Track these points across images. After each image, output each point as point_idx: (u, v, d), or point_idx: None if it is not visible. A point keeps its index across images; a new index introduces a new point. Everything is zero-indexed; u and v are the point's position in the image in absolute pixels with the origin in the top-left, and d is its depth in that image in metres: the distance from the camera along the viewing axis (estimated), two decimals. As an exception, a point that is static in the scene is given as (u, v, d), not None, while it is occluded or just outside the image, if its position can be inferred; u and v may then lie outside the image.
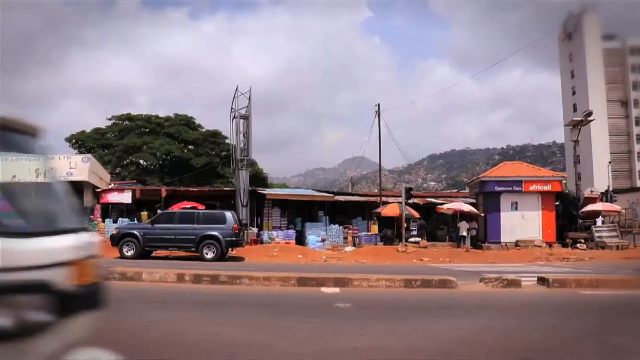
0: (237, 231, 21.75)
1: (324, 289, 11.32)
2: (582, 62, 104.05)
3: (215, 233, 21.12)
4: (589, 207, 30.20)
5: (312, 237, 30.44)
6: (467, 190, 39.32)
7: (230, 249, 22.22)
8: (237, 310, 9.06)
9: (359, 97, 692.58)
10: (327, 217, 33.31)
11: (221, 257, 21.06)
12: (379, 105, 37.56)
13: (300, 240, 30.91)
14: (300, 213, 33.99)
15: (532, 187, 29.11)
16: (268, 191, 34.82)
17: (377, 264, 22.38)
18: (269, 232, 30.30)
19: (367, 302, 10.03)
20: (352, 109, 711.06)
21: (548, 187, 29.42)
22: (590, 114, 33.82)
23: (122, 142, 60.06)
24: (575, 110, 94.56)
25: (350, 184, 54.55)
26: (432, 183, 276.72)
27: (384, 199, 35.91)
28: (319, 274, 13.00)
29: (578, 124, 33.51)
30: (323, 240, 30.49)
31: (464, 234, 28.95)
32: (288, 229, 32.05)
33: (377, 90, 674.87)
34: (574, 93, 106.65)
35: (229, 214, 22.12)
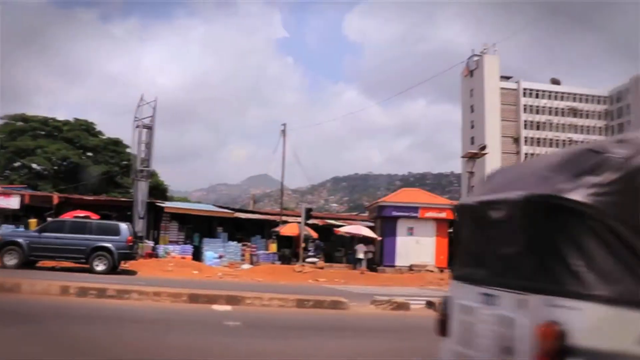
0: (131, 244, 21.00)
1: (215, 307, 11.13)
2: (481, 99, 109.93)
3: (108, 245, 20.27)
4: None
5: (210, 253, 29.90)
6: (367, 214, 40.14)
7: (122, 262, 21.41)
8: (122, 326, 8.71)
9: (268, 115, 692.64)
10: (226, 234, 32.90)
11: (112, 270, 20.22)
12: (285, 125, 37.78)
13: (198, 256, 30.24)
14: (198, 228, 33.33)
15: (428, 214, 30.16)
16: (167, 204, 33.96)
17: (273, 282, 22.27)
18: (165, 247, 29.48)
19: (258, 321, 9.95)
20: (261, 127, 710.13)
21: (443, 215, 30.54)
22: (484, 147, 35.61)
23: (13, 144, 56.68)
24: (472, 142, 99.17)
25: (251, 202, 54.23)
26: (334, 205, 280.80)
27: (284, 218, 35.95)
28: (212, 290, 12.78)
29: (473, 156, 35.12)
30: (220, 257, 30.00)
31: (361, 256, 29.43)
32: (185, 243, 31.31)
33: (286, 109, 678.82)
34: (472, 127, 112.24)
35: (123, 226, 21.34)
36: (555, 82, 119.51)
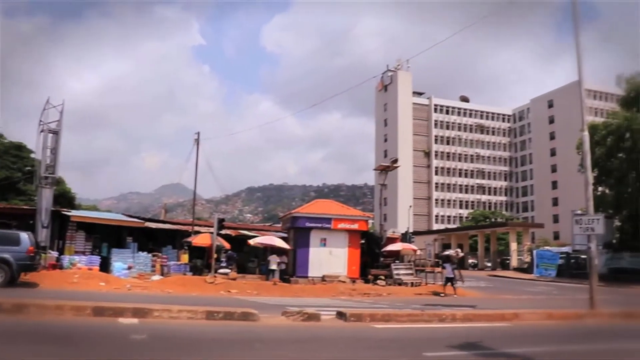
0: (32, 254, 19.97)
1: (121, 320, 10.81)
2: (395, 113, 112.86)
3: (6, 255, 19.13)
4: (390, 247, 32.36)
5: (118, 264, 28.94)
6: (281, 224, 40.16)
7: (23, 274, 20.33)
8: (15, 343, 8.28)
9: (183, 124, 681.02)
10: (136, 244, 31.98)
11: (11, 282, 19.14)
12: (198, 133, 37.36)
13: (106, 267, 29.19)
14: (107, 238, 32.18)
15: (341, 225, 30.53)
16: (73, 212, 32.61)
17: (184, 294, 21.86)
18: (71, 257, 28.24)
19: (165, 334, 9.75)
20: (175, 135, 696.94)
21: (355, 226, 31.05)
22: (396, 160, 36.60)
23: None
24: (385, 156, 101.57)
25: (163, 211, 53.05)
26: (248, 215, 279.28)
27: (196, 228, 35.43)
28: (119, 303, 12.40)
29: (385, 169, 36.02)
30: (130, 268, 29.12)
31: (274, 267, 29.40)
32: (92, 254, 30.16)
33: (201, 118, 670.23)
34: (385, 140, 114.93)
35: (24, 235, 20.27)
36: (464, 99, 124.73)
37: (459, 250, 33.06)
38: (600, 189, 46.45)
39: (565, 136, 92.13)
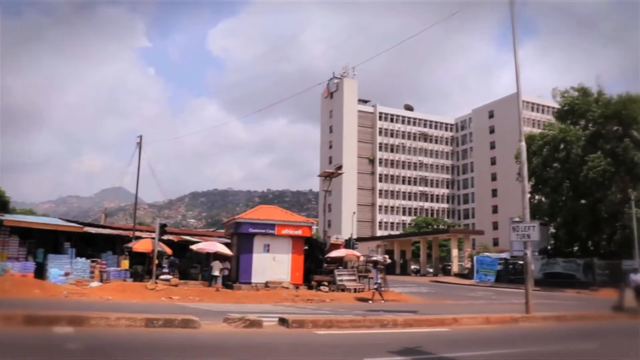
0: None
1: (56, 329, 10.45)
2: (340, 120, 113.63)
3: None
4: (333, 253, 32.51)
5: (55, 270, 28.04)
6: (224, 230, 39.78)
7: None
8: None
9: (126, 126, 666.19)
10: (74, 250, 31.07)
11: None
12: (141, 137, 36.66)
13: (41, 273, 28.22)
14: (43, 243, 31.12)
15: (284, 231, 30.49)
16: (7, 217, 31.44)
17: (123, 301, 21.37)
18: (3, 264, 27.18)
19: (102, 343, 9.50)
20: (118, 138, 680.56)
21: (299, 232, 31.06)
22: (340, 167, 36.83)
23: None
24: (330, 162, 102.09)
25: (103, 215, 51.74)
26: (192, 220, 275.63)
27: (138, 233, 34.72)
28: (53, 311, 12.00)
29: (330, 175, 36.20)
30: (67, 274, 28.26)
31: (216, 273, 29.10)
32: (27, 260, 29.14)
33: (145, 121, 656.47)
34: (330, 147, 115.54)
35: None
36: (408, 108, 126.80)
37: (386, 256, 33.24)
38: (536, 197, 48.05)
39: (504, 146, 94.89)
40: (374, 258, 30.66)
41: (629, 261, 36.57)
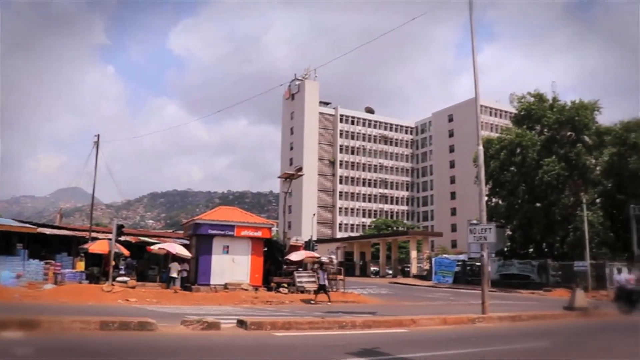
0: None
1: (5, 333, 10.13)
2: (301, 122, 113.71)
3: None
4: (293, 254, 32.47)
5: (6, 272, 27.18)
6: (183, 231, 39.35)
7: None
8: None
9: (83, 125, 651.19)
10: (27, 251, 30.27)
11: None
12: (98, 136, 35.96)
13: (-9, 275, 27.42)
14: (-6, 245, 30.29)
15: (244, 233, 30.30)
16: (-44, 217, 30.47)
17: (78, 304, 20.90)
18: (-49, 265, 26.34)
19: (54, 348, 9.28)
20: (75, 137, 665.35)
21: (258, 234, 30.90)
22: (300, 169, 36.81)
23: None
24: (291, 164, 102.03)
25: (59, 216, 50.57)
26: (150, 221, 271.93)
27: (94, 234, 34.05)
28: (3, 315, 11.64)
29: (290, 176, 36.12)
30: (19, 277, 27.49)
31: (175, 275, 28.74)
32: (-24, 262, 28.27)
33: (104, 120, 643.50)
34: (291, 148, 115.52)
35: None
36: (369, 110, 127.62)
37: (333, 257, 33.30)
38: (494, 200, 48.99)
39: (463, 149, 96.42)
40: (320, 260, 30.75)
41: (581, 262, 37.67)
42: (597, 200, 45.21)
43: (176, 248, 29.76)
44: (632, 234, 38.05)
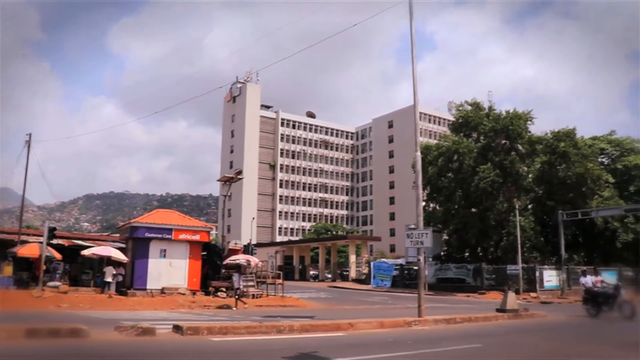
0: None
1: None
2: (242, 125, 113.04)
3: None
4: (232, 258, 32.17)
5: None
6: (119, 234, 38.38)
7: None
8: None
9: (15, 123, 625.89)
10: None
11: None
12: (30, 135, 34.74)
13: None
14: None
15: (182, 236, 29.84)
16: None
17: (5, 311, 20.04)
18: None
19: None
20: (5, 135, 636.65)
21: (197, 237, 30.50)
22: (240, 172, 36.55)
23: None
24: (231, 167, 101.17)
25: (-14, 218, 48.45)
26: (85, 224, 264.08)
27: (24, 237, 32.79)
28: None
29: (229, 180, 35.84)
30: (-61, 283, 26.20)
31: (109, 279, 27.99)
32: None
33: (37, 119, 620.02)
34: (232, 151, 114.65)
35: None
36: (310, 115, 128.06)
37: (251, 259, 32.72)
38: (431, 205, 49.96)
39: (402, 155, 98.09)
40: (237, 262, 30.26)
41: (513, 266, 38.90)
42: (529, 206, 46.79)
43: (112, 252, 28.99)
44: (560, 239, 39.70)
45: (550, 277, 39.52)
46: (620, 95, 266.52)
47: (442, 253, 48.65)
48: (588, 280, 22.73)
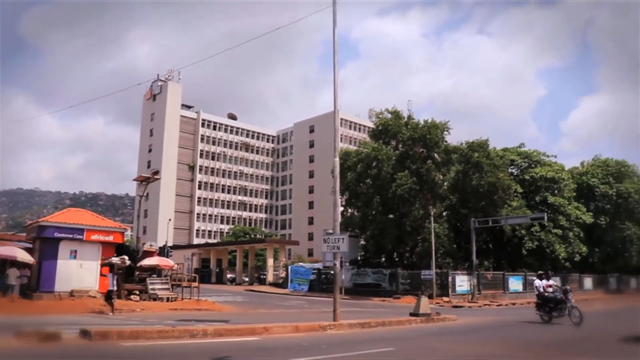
0: None
1: None
2: (162, 124, 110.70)
3: None
4: (146, 261, 31.34)
5: None
6: (25, 234, 36.51)
7: None
8: None
9: None
10: None
11: None
12: None
13: None
14: None
15: (94, 237, 28.73)
16: None
17: None
18: None
19: None
20: None
21: (110, 238, 29.44)
22: (157, 172, 35.65)
23: None
24: (149, 166, 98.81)
25: None
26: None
27: None
28: None
29: (146, 180, 34.86)
30: None
31: (13, 282, 26.52)
32: None
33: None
34: (150, 150, 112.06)
35: None
36: (231, 116, 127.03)
37: (125, 257, 31.57)
38: (350, 210, 50.61)
39: (322, 160, 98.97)
40: (108, 261, 29.10)
41: (427, 271, 40.00)
42: (444, 214, 48.31)
43: (16, 252, 27.48)
44: (472, 245, 41.26)
45: (462, 282, 40.85)
46: (529, 110, 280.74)
47: (359, 258, 49.36)
48: (540, 284, 21.92)
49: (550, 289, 21.74)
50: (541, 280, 22.18)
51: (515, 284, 45.54)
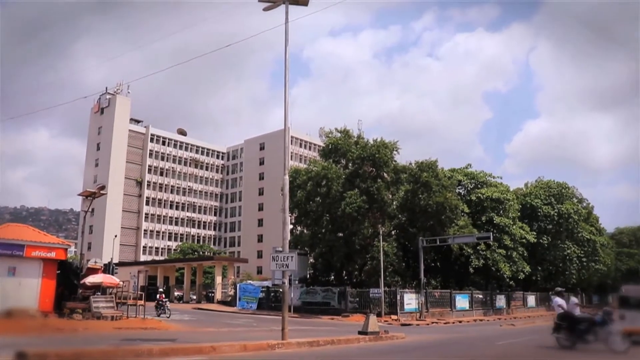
0: None
1: None
2: (109, 138, 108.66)
3: None
4: (90, 278, 30.49)
5: None
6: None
7: None
8: None
9: None
10: None
11: None
12: None
13: None
14: None
15: (35, 253, 27.77)
16: None
17: None
18: None
19: None
20: None
21: (52, 255, 28.51)
22: (103, 187, 34.94)
23: None
24: (95, 181, 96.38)
25: None
26: None
27: None
28: None
29: (91, 195, 34.06)
30: None
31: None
32: None
33: None
34: (97, 165, 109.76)
35: None
36: (181, 132, 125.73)
37: (114, 278, 31.13)
38: (299, 228, 50.58)
39: (272, 178, 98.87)
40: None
41: (376, 289, 40.22)
42: (393, 232, 48.78)
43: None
44: (420, 264, 41.81)
45: (410, 300, 41.26)
46: (476, 132, 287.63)
47: (308, 276, 49.28)
48: (563, 303, 18.55)
49: (577, 308, 18.79)
50: (563, 298, 19.01)
51: (462, 302, 46.31)
